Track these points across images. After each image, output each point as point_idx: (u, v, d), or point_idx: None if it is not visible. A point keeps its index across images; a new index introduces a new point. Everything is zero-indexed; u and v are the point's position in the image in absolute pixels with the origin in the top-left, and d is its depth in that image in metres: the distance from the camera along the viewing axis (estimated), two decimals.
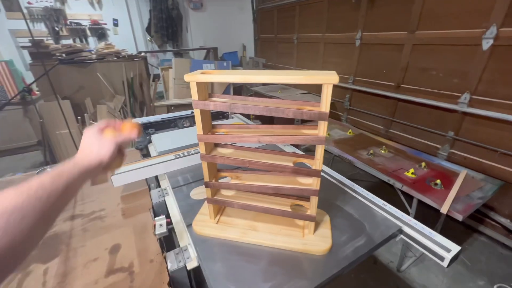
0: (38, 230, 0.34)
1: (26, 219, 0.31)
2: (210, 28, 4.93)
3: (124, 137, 0.52)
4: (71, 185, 0.40)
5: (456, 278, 1.65)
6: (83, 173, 0.43)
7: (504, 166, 1.78)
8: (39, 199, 0.33)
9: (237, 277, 0.66)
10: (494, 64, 1.74)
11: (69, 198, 0.40)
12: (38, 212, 0.33)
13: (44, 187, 0.35)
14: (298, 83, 0.54)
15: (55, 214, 0.37)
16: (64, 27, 3.85)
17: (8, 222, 0.29)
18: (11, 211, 0.30)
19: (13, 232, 0.29)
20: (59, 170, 0.39)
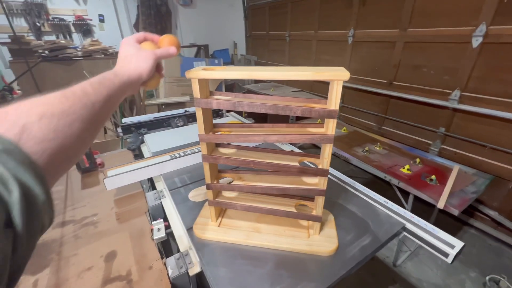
0: (86, 137, 0.34)
1: (74, 124, 0.31)
2: (200, 25, 4.84)
3: (162, 52, 0.50)
4: (113, 95, 0.39)
5: (449, 271, 1.69)
6: (123, 85, 0.42)
7: (493, 160, 1.83)
8: (84, 105, 0.33)
9: (243, 282, 0.63)
10: (483, 62, 1.78)
11: (111, 109, 0.39)
12: (84, 118, 0.32)
13: (88, 94, 0.34)
14: (307, 79, 0.51)
15: (99, 123, 0.37)
16: (46, 22, 3.66)
17: (58, 125, 0.29)
18: (60, 115, 0.30)
19: (64, 136, 0.30)
20: (100, 78, 0.38)
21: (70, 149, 0.31)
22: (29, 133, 0.27)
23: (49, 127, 0.29)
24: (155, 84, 0.50)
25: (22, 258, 0.25)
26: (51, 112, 0.29)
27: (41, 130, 0.28)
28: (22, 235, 0.24)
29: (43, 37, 3.72)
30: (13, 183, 0.23)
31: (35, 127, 0.27)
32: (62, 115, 0.30)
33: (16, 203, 0.23)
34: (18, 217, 0.23)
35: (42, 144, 0.28)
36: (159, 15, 4.51)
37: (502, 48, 1.67)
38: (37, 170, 0.26)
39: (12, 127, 0.26)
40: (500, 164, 1.79)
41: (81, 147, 0.34)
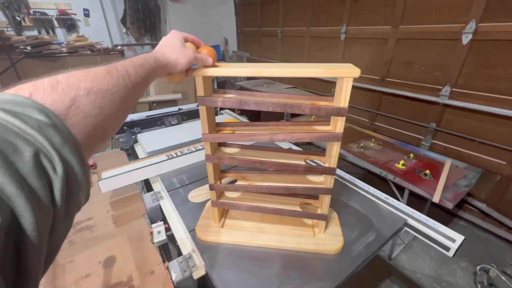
0: (121, 116, 0.35)
1: (115, 103, 0.32)
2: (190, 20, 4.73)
3: (202, 58, 0.53)
4: (149, 78, 0.40)
5: (441, 261, 1.74)
6: (160, 70, 0.44)
7: (481, 154, 1.89)
8: (125, 86, 0.34)
9: (251, 284, 0.62)
10: (473, 58, 1.82)
11: (143, 91, 0.41)
12: (123, 98, 0.33)
13: (130, 76, 0.35)
14: (318, 76, 0.50)
15: (132, 104, 0.37)
16: (27, 16, 3.48)
17: (102, 103, 0.30)
18: (104, 93, 0.30)
19: (105, 114, 0.30)
20: (142, 61, 0.39)
21: (107, 127, 0.31)
22: (77, 107, 0.27)
23: (94, 102, 0.29)
24: (178, 79, 0.51)
25: (59, 238, 0.24)
26: (97, 89, 0.29)
27: (88, 105, 0.28)
28: (61, 214, 0.23)
29: (24, 32, 3.53)
30: (57, 161, 0.23)
31: (83, 102, 0.27)
32: (107, 93, 0.31)
33: (59, 182, 0.22)
34: (59, 196, 0.22)
35: (86, 120, 0.28)
36: (147, 10, 4.38)
37: (491, 45, 1.72)
38: (78, 148, 0.26)
39: (64, 99, 0.26)
40: (488, 158, 1.85)
41: (115, 126, 0.34)
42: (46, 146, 0.22)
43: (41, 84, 0.25)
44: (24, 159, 0.20)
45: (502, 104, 1.70)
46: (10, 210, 0.18)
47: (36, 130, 0.22)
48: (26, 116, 0.22)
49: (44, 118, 0.23)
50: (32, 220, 0.19)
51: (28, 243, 0.19)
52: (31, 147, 0.21)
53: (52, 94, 0.25)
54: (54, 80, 0.26)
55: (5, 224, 0.18)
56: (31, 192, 0.20)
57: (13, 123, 0.21)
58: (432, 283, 1.58)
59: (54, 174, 0.22)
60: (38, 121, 0.22)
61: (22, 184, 0.19)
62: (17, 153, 0.20)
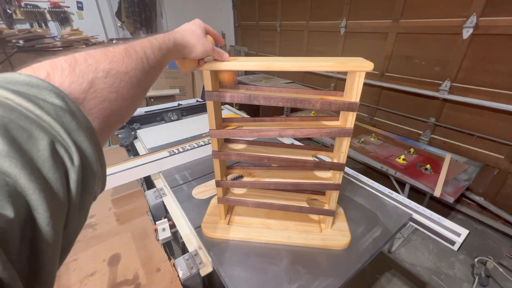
0: (136, 101, 0.33)
1: (132, 86, 0.30)
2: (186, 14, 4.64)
3: (219, 52, 0.53)
4: (165, 61, 0.39)
5: (440, 254, 1.77)
6: (176, 53, 0.43)
7: (480, 148, 1.91)
8: (143, 69, 0.32)
9: (260, 280, 0.62)
10: (473, 53, 1.82)
11: (159, 73, 0.39)
12: (140, 82, 0.32)
13: (148, 58, 0.34)
14: (330, 70, 0.49)
15: (148, 88, 0.36)
16: (18, 9, 3.37)
17: (119, 86, 0.28)
18: (122, 76, 0.29)
19: (122, 98, 0.29)
20: (160, 43, 0.38)
21: (122, 112, 0.30)
22: (95, 90, 0.25)
23: (112, 86, 0.27)
24: (189, 67, 0.51)
25: (74, 231, 0.23)
26: (116, 71, 0.28)
27: (106, 88, 0.26)
28: (75, 206, 0.22)
29: (16, 25, 3.42)
30: (74, 150, 0.21)
31: (101, 85, 0.26)
32: (125, 76, 0.29)
33: (75, 172, 0.21)
34: (74, 188, 0.21)
35: (103, 104, 0.26)
36: (143, 3, 4.27)
37: (491, 39, 1.72)
38: (94, 136, 0.24)
39: (81, 81, 0.24)
40: (487, 152, 1.87)
41: (131, 111, 0.33)
42: (62, 134, 0.21)
43: (59, 64, 0.24)
44: (39, 148, 0.19)
45: (501, 99, 1.71)
46: (25, 203, 0.17)
47: (52, 117, 0.20)
48: (42, 101, 0.21)
49: (61, 103, 0.22)
50: (46, 215, 0.18)
51: (43, 238, 0.18)
52: (46, 134, 0.19)
53: (71, 75, 0.24)
54: (72, 59, 0.25)
55: (20, 218, 0.17)
56: (46, 184, 0.19)
57: (28, 108, 0.19)
58: (431, 276, 1.61)
59: (71, 164, 0.21)
60: (54, 106, 0.21)
61: (37, 175, 0.18)
62: (32, 141, 0.19)
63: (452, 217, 2.14)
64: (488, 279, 1.52)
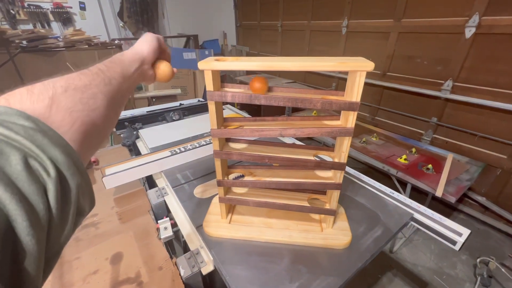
0: (110, 114, 0.34)
1: (97, 96, 0.32)
2: (188, 14, 4.66)
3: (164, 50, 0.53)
4: (125, 72, 0.40)
5: (442, 254, 1.77)
6: (132, 62, 0.43)
7: (482, 148, 1.90)
8: (102, 80, 0.34)
9: (261, 279, 0.62)
10: (475, 52, 1.82)
11: (128, 88, 0.40)
12: (105, 92, 0.33)
13: (103, 71, 0.35)
14: (330, 70, 0.49)
15: (120, 101, 0.37)
16: (21, 10, 3.40)
17: (82, 97, 0.29)
18: (83, 89, 0.30)
19: (90, 108, 0.30)
20: (110, 59, 0.39)
21: (97, 123, 0.31)
22: (58, 104, 0.26)
23: (75, 98, 0.28)
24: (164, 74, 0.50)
25: (58, 244, 0.24)
26: (74, 86, 0.29)
27: (69, 101, 0.28)
28: (57, 218, 0.22)
29: (19, 26, 3.45)
30: (49, 164, 0.22)
31: (62, 98, 0.27)
32: (85, 88, 0.30)
33: (53, 184, 0.22)
34: (53, 199, 0.22)
35: (72, 115, 0.27)
36: (145, 3, 4.29)
37: (494, 38, 1.71)
38: (69, 149, 0.25)
39: (42, 99, 0.26)
40: (489, 152, 1.86)
41: (106, 124, 0.34)
42: (35, 150, 0.21)
43: (17, 91, 0.26)
44: (11, 163, 0.19)
45: (504, 98, 1.70)
46: (4, 214, 0.18)
47: (22, 136, 0.21)
48: (11, 123, 0.21)
49: (30, 124, 0.22)
50: (25, 224, 0.18)
51: (24, 248, 0.18)
52: (17, 151, 0.20)
53: (30, 96, 0.25)
54: (30, 85, 0.27)
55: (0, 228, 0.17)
56: (23, 195, 0.19)
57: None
58: (432, 276, 1.60)
59: (47, 176, 0.21)
60: (24, 127, 0.22)
61: (12, 187, 0.18)
62: (4, 158, 0.19)
63: (454, 217, 2.13)
64: (491, 280, 1.51)
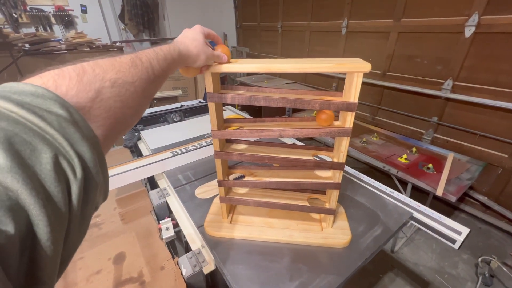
0: (140, 110, 0.34)
1: (137, 95, 0.31)
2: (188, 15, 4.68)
3: (219, 55, 0.54)
4: (170, 70, 0.40)
5: (443, 254, 1.76)
6: (180, 63, 0.44)
7: (483, 147, 1.90)
8: (148, 78, 0.33)
9: (262, 278, 0.63)
10: (475, 51, 1.82)
11: (163, 82, 0.40)
12: (145, 91, 0.33)
13: (153, 68, 0.35)
14: (328, 71, 0.50)
15: (153, 95, 0.37)
16: (24, 13, 3.43)
17: (125, 95, 0.29)
18: (128, 86, 0.30)
19: (127, 106, 0.30)
20: (165, 53, 0.39)
21: (127, 120, 0.31)
22: (101, 99, 0.26)
23: (118, 95, 0.28)
24: (192, 74, 0.53)
25: (74, 244, 0.23)
26: (122, 81, 0.29)
27: (111, 98, 0.27)
28: (76, 219, 0.22)
29: (22, 29, 3.49)
30: (77, 163, 0.22)
31: (107, 94, 0.27)
32: (130, 86, 0.30)
33: (77, 185, 0.21)
34: (76, 200, 0.21)
35: (108, 113, 0.27)
36: (146, 6, 4.32)
37: (493, 37, 1.71)
38: (97, 145, 0.25)
39: (88, 90, 0.25)
40: (490, 151, 1.86)
41: (135, 120, 0.34)
42: (66, 146, 0.21)
43: (67, 73, 0.25)
44: (42, 161, 0.19)
45: (504, 98, 1.70)
46: (26, 217, 0.18)
47: (55, 129, 0.21)
48: (46, 112, 0.21)
49: (65, 113, 0.22)
50: (47, 230, 0.18)
51: (42, 253, 0.18)
52: (50, 147, 0.20)
53: (78, 84, 0.25)
54: (80, 68, 0.26)
55: (20, 233, 0.17)
56: (48, 198, 0.19)
57: (32, 121, 0.20)
58: (434, 275, 1.60)
59: (74, 176, 0.21)
60: (57, 116, 0.21)
61: (38, 190, 0.18)
62: (35, 155, 0.19)
63: (455, 217, 2.12)
64: (492, 279, 1.51)
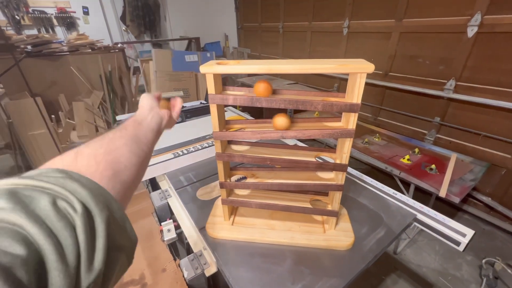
0: (138, 178, 0.37)
1: (115, 141, 0.35)
2: (189, 16, 4.69)
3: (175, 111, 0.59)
4: (153, 141, 0.44)
5: (447, 255, 1.75)
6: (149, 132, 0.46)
7: (487, 148, 1.88)
8: (139, 150, 0.37)
9: (264, 280, 0.62)
10: (478, 51, 1.80)
11: (150, 155, 0.43)
12: (140, 160, 0.37)
13: (139, 139, 0.39)
14: (330, 72, 0.49)
15: (145, 167, 0.40)
16: (26, 15, 3.45)
17: (102, 143, 0.34)
18: (100, 138, 0.34)
19: (112, 149, 0.33)
20: (123, 125, 0.42)
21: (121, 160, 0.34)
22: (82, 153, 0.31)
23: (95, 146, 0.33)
24: (171, 126, 0.59)
25: (88, 279, 0.22)
26: (93, 140, 0.34)
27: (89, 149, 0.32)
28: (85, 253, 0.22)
29: (24, 31, 3.51)
30: (76, 202, 0.24)
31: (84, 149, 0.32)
32: (102, 137, 0.35)
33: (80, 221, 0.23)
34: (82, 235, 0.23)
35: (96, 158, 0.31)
36: (147, 7, 4.34)
37: (496, 37, 1.70)
38: (97, 187, 0.27)
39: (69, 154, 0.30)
40: (494, 152, 1.84)
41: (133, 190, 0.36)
42: (63, 192, 0.23)
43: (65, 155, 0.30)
44: (40, 205, 0.21)
45: (507, 98, 1.69)
46: (37, 249, 0.19)
47: (52, 183, 0.24)
48: (45, 177, 0.24)
49: (61, 174, 0.25)
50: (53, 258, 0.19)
51: (53, 283, 0.19)
52: (46, 195, 0.22)
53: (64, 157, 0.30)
54: None
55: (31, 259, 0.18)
56: (51, 231, 0.20)
57: (30, 183, 0.23)
58: (437, 277, 1.59)
59: (74, 212, 0.23)
60: (55, 177, 0.25)
61: (41, 224, 0.20)
62: (35, 202, 0.22)
63: (459, 218, 2.11)
64: (497, 281, 1.49)
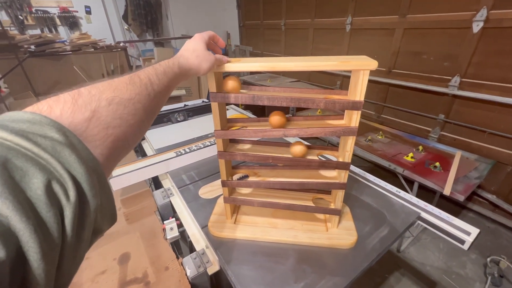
0: (144, 126, 0.34)
1: (138, 113, 0.31)
2: (191, 15, 4.68)
3: (220, 58, 0.53)
4: (172, 85, 0.40)
5: (451, 254, 1.74)
6: (183, 76, 0.44)
7: (492, 145, 1.86)
8: (148, 95, 0.33)
9: (266, 279, 0.62)
10: (483, 47, 1.77)
11: (167, 98, 0.40)
12: (146, 107, 0.33)
13: (152, 84, 0.35)
14: (333, 69, 0.49)
15: (156, 113, 0.37)
16: (29, 15, 3.47)
17: (123, 113, 0.29)
18: (126, 103, 0.30)
19: (127, 124, 0.30)
20: (164, 68, 0.39)
21: (129, 138, 0.30)
22: (98, 118, 0.26)
23: (115, 113, 0.28)
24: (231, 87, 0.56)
25: (68, 272, 0.22)
26: (119, 99, 0.29)
27: (109, 116, 0.27)
28: (70, 246, 0.21)
29: (27, 31, 3.53)
30: (71, 186, 0.21)
31: (103, 112, 0.27)
32: (129, 103, 0.30)
33: (71, 209, 0.21)
34: (69, 225, 0.21)
35: (106, 131, 0.27)
36: (149, 5, 4.33)
37: (503, 32, 1.67)
38: (97, 167, 0.25)
39: (84, 111, 0.25)
40: (499, 149, 1.82)
41: (138, 137, 0.33)
42: (59, 169, 0.21)
43: (62, 98, 0.25)
44: (33, 186, 0.19)
45: None
46: (17, 243, 0.17)
47: (49, 153, 0.21)
48: (41, 137, 0.21)
49: (60, 137, 0.22)
50: (37, 256, 0.18)
51: (34, 280, 0.18)
52: (42, 172, 0.20)
53: (73, 106, 0.25)
54: (76, 92, 0.26)
55: (11, 259, 0.17)
56: (39, 223, 0.19)
57: (26, 146, 0.20)
58: (441, 275, 1.58)
59: (67, 201, 0.21)
60: (52, 141, 0.21)
61: (29, 215, 0.18)
62: (26, 179, 0.19)
63: (463, 216, 2.09)
64: (502, 279, 1.48)
